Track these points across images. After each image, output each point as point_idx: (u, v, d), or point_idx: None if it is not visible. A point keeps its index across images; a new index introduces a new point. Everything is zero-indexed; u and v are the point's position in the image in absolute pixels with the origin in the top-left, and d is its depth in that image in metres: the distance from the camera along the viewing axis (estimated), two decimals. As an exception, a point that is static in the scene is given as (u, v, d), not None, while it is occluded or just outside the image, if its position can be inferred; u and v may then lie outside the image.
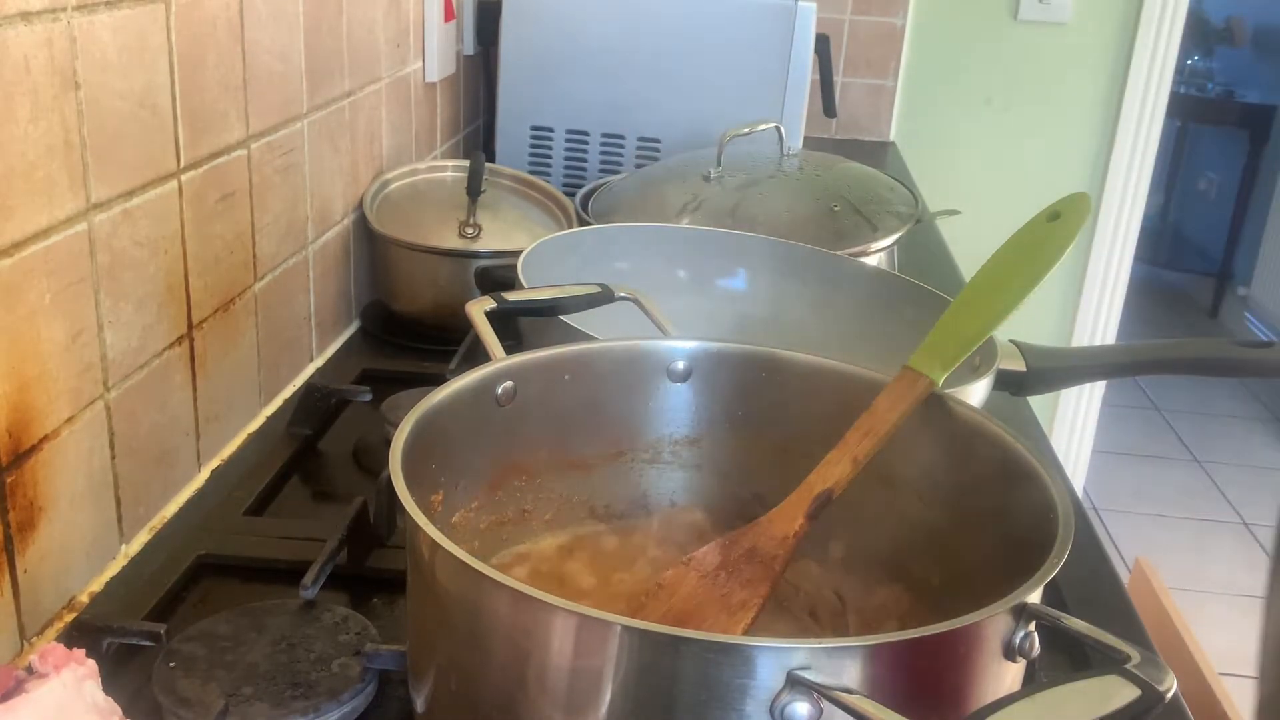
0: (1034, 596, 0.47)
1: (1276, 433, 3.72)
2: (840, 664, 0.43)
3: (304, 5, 1.00)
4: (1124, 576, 1.00)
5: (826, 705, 0.42)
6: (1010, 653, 0.47)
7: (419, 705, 0.55)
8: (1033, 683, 0.42)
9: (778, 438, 0.70)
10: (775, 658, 0.43)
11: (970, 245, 1.89)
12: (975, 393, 0.77)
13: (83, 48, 0.67)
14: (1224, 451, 3.54)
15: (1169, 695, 0.40)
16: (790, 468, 0.69)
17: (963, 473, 0.62)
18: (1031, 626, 0.47)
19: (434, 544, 0.48)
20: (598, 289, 0.76)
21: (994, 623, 0.46)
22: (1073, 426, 2.63)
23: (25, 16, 0.62)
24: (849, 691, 0.42)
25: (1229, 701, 1.04)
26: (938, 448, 0.63)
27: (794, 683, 0.42)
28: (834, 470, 0.61)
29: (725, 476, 0.71)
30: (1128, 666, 0.41)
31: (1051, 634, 0.48)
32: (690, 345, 0.70)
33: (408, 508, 0.50)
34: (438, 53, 1.40)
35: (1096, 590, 0.81)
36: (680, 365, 0.69)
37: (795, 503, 0.61)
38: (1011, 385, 0.90)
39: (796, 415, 0.69)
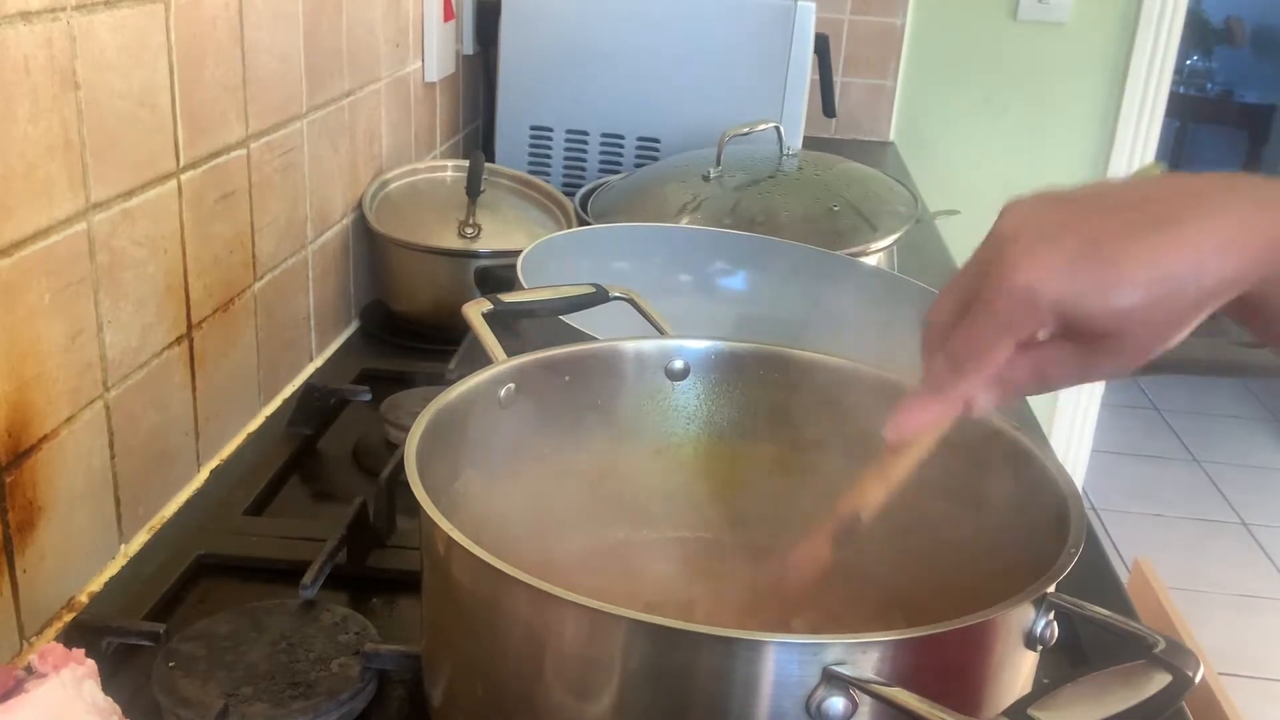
0: (1052, 587, 0.48)
1: (1276, 433, 3.72)
2: (873, 658, 0.43)
3: (304, 5, 1.00)
4: (1123, 576, 1.00)
5: (861, 699, 0.43)
6: (1031, 642, 0.49)
7: (435, 699, 0.55)
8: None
9: (777, 434, 0.70)
10: (811, 654, 0.43)
11: (970, 245, 1.88)
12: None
13: (82, 48, 0.67)
14: (1224, 451, 3.55)
15: (1198, 679, 0.41)
16: (789, 464, 0.69)
17: (965, 465, 0.62)
18: (1051, 615, 0.48)
19: (450, 540, 0.48)
20: (592, 289, 0.77)
21: (1018, 613, 0.47)
22: (1072, 426, 2.63)
23: (25, 16, 0.62)
24: (888, 684, 0.42)
25: (1229, 701, 1.04)
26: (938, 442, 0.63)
27: (830, 678, 0.43)
28: (865, 491, 0.55)
29: (725, 474, 0.71)
30: (1156, 652, 0.42)
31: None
32: (687, 344, 0.70)
33: (425, 506, 0.50)
34: (437, 53, 1.40)
35: (1096, 590, 0.81)
36: (678, 364, 0.70)
37: (819, 532, 0.57)
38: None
39: (795, 412, 0.69)
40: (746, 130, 1.22)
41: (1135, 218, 0.45)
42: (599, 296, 0.77)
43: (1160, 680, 0.41)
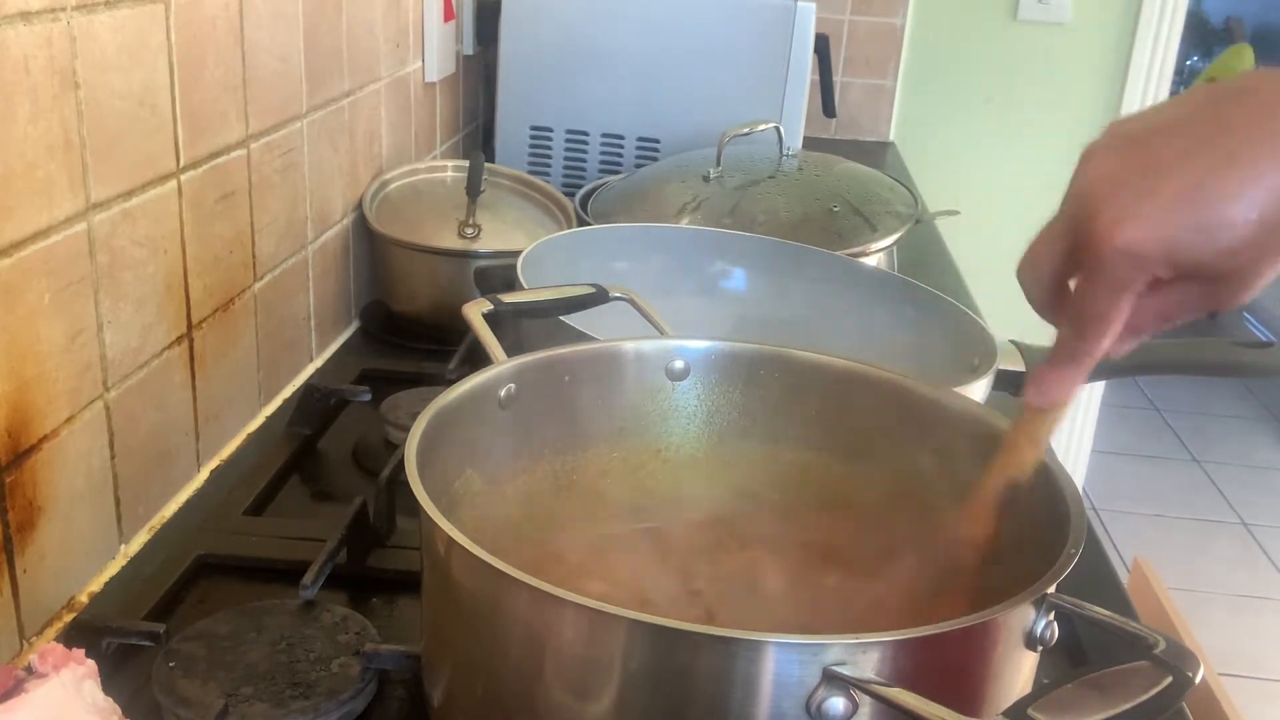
0: (1052, 587, 0.48)
1: (1276, 433, 3.72)
2: (873, 658, 0.43)
3: (304, 5, 1.00)
4: (1123, 576, 1.00)
5: (861, 699, 0.43)
6: (1031, 642, 0.49)
7: (435, 699, 0.55)
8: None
9: (777, 434, 0.70)
10: (811, 654, 0.43)
11: (970, 245, 1.88)
12: (975, 393, 0.78)
13: (82, 48, 0.67)
14: (1224, 451, 3.54)
15: (1198, 679, 0.41)
16: (790, 464, 0.69)
17: (965, 466, 0.62)
18: (1051, 616, 0.48)
19: (450, 540, 0.48)
20: (592, 289, 0.77)
21: (1018, 613, 0.47)
22: (1072, 426, 2.63)
23: (25, 16, 0.62)
24: (888, 685, 0.42)
25: (1229, 702, 1.04)
26: (937, 441, 0.63)
27: (830, 678, 0.43)
28: (1020, 454, 0.55)
29: (725, 473, 0.71)
30: (1155, 653, 0.42)
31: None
32: (688, 344, 0.70)
33: (425, 506, 0.50)
34: (437, 53, 1.40)
35: (1096, 590, 0.81)
36: (678, 364, 0.70)
37: (983, 501, 0.56)
38: (1011, 385, 0.90)
39: (795, 412, 0.69)
40: (746, 130, 1.22)
41: (1220, 150, 0.44)
42: (599, 296, 0.77)
43: (1160, 680, 0.41)
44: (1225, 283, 0.46)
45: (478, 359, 0.68)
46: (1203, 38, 4.84)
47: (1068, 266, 0.49)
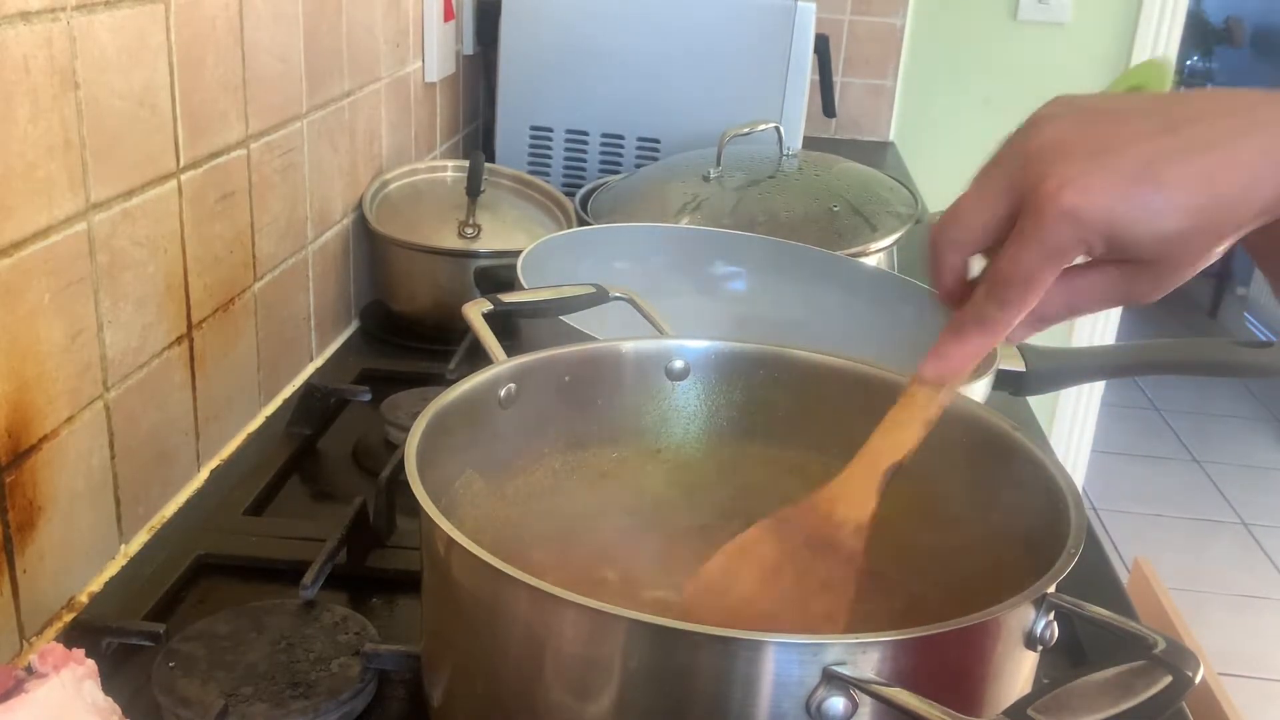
0: (1052, 587, 0.48)
1: (1276, 433, 3.72)
2: (873, 658, 0.43)
3: (304, 5, 1.00)
4: (1123, 576, 1.00)
5: (861, 699, 0.43)
6: (1031, 642, 0.49)
7: (435, 699, 0.55)
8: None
9: (777, 434, 0.70)
10: (811, 654, 0.43)
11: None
12: (975, 393, 0.78)
13: (82, 48, 0.67)
14: (1223, 451, 3.55)
15: (1198, 679, 0.41)
16: (790, 464, 0.69)
17: (965, 466, 0.62)
18: (1051, 615, 0.48)
19: (450, 540, 0.48)
20: (592, 289, 0.77)
21: (1018, 613, 0.47)
22: (1072, 426, 2.63)
23: (25, 16, 0.62)
24: (888, 684, 0.42)
25: (1229, 702, 1.04)
26: (936, 441, 0.63)
27: (830, 678, 0.43)
28: (904, 435, 0.52)
29: (725, 474, 0.71)
30: (1155, 653, 0.42)
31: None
32: (687, 344, 0.70)
33: (425, 506, 0.50)
34: (437, 53, 1.40)
35: (1096, 590, 0.81)
36: (678, 364, 0.70)
37: (863, 480, 0.53)
38: (1011, 385, 0.90)
39: (795, 412, 0.69)
40: (746, 130, 1.22)
41: (1177, 139, 0.43)
42: (599, 296, 0.77)
43: (1160, 680, 0.41)
44: (1148, 271, 0.45)
45: (478, 359, 0.68)
46: (1203, 38, 4.84)
47: (999, 230, 0.47)
